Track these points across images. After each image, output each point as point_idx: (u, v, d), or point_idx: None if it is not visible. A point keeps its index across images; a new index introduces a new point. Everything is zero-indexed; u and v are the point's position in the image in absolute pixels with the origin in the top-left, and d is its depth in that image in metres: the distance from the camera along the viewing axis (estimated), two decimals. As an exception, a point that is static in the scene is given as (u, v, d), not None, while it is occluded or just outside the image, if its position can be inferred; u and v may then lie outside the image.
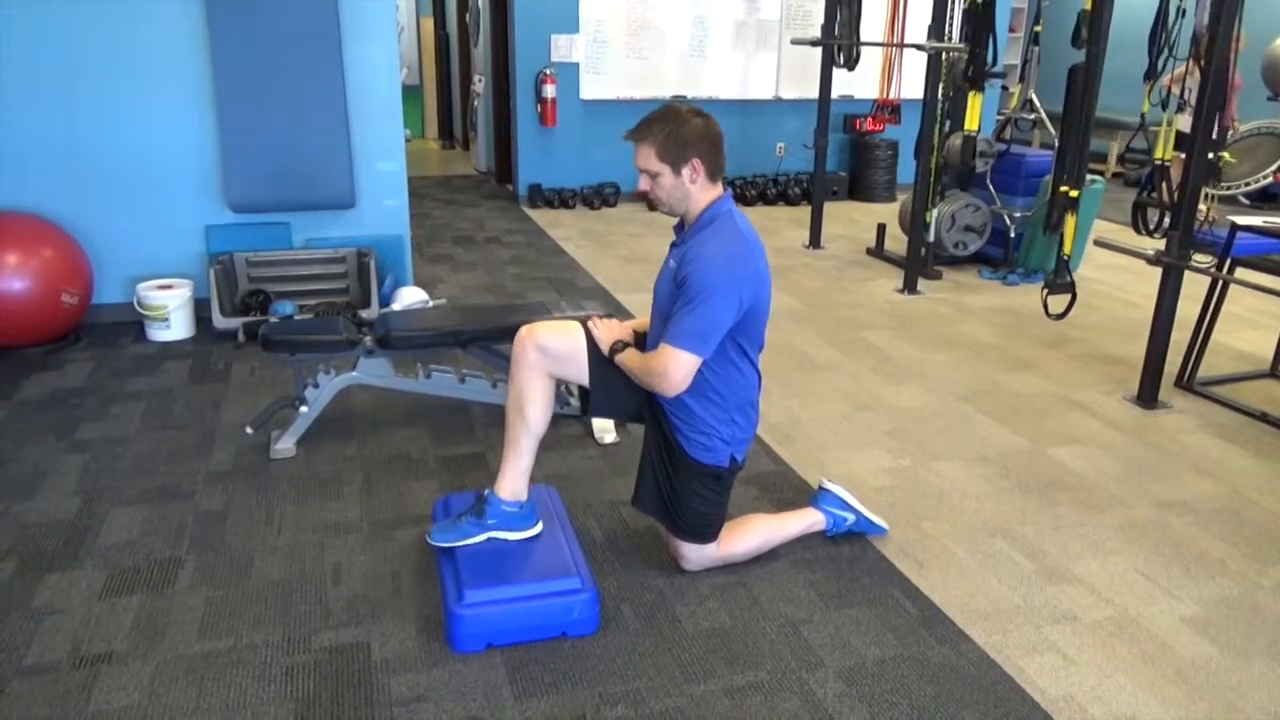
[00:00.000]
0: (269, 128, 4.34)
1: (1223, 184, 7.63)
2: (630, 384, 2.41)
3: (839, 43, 5.78)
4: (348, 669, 2.14)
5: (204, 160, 4.45)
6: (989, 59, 4.94)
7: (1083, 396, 3.85)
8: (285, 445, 3.19)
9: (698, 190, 2.30)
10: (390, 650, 2.21)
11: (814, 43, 5.97)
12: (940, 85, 5.05)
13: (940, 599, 2.44)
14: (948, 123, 5.48)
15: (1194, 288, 3.97)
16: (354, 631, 2.27)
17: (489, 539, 2.38)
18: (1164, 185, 3.76)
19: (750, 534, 2.57)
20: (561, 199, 7.64)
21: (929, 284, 5.48)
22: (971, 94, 4.99)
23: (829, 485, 2.73)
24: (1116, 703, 2.08)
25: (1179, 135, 6.78)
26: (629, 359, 2.36)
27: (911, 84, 7.26)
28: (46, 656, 2.16)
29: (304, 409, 3.18)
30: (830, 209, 7.70)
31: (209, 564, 2.55)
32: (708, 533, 2.47)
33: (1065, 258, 4.37)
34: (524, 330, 2.40)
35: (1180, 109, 5.65)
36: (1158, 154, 3.83)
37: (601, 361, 2.39)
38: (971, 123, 5.07)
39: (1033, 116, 5.43)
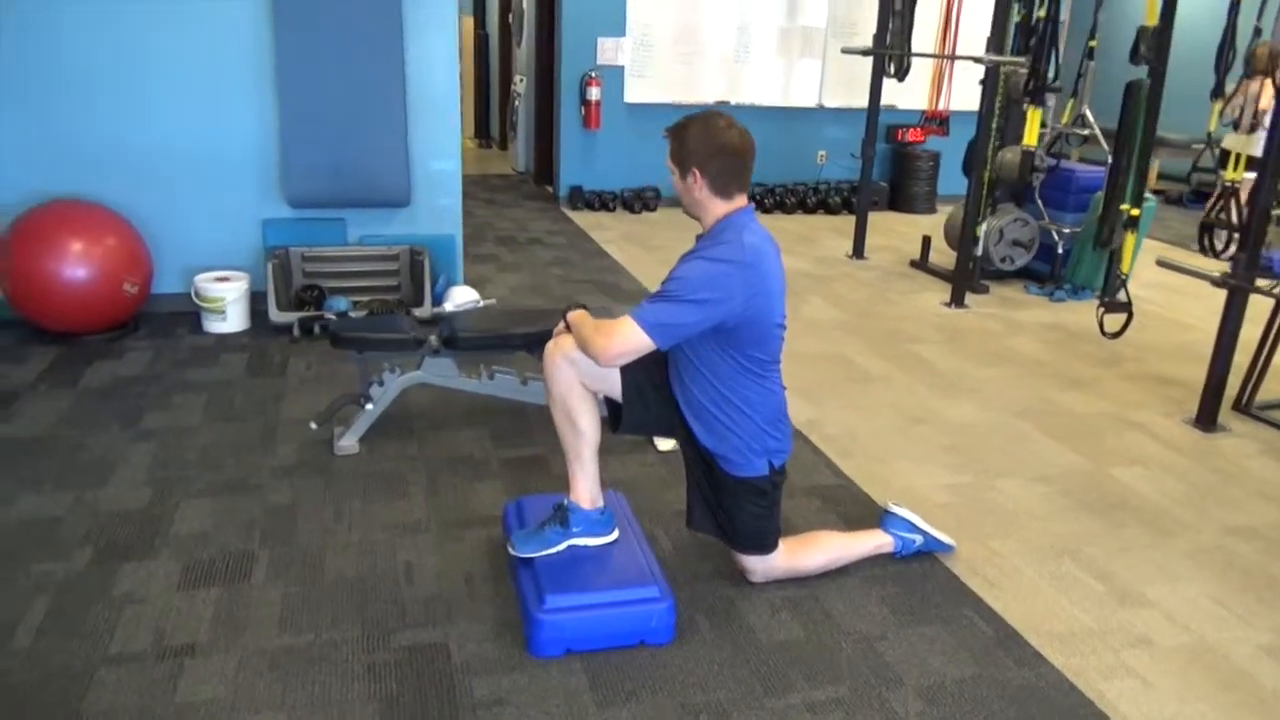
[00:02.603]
0: (329, 123, 4.37)
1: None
2: (661, 399, 2.42)
3: (891, 53, 5.77)
4: (429, 669, 2.15)
5: (264, 154, 4.48)
6: (1050, 73, 4.92)
7: (1140, 417, 3.82)
8: (349, 442, 3.22)
9: (705, 199, 2.28)
10: (469, 652, 2.22)
11: (865, 52, 5.97)
12: (996, 98, 5.03)
13: (1014, 619, 2.43)
14: (999, 136, 5.47)
15: (1250, 310, 3.94)
16: (432, 632, 2.28)
17: (568, 546, 2.39)
18: (1234, 206, 3.72)
19: (819, 550, 2.57)
20: (602, 201, 7.65)
21: (976, 298, 5.45)
22: (1030, 108, 4.97)
23: (895, 508, 2.72)
24: (1200, 731, 2.07)
25: (1225, 155, 6.73)
26: (578, 318, 2.33)
27: (960, 96, 7.24)
28: (131, 646, 2.19)
29: (369, 406, 3.20)
30: (871, 219, 7.67)
31: (282, 559, 2.57)
32: (766, 544, 2.46)
33: (1123, 276, 4.35)
34: (551, 345, 2.39)
35: (1252, 129, 5.63)
36: (1228, 175, 3.78)
37: (633, 375, 2.38)
38: (1031, 138, 5.05)
39: (1085, 132, 5.39)
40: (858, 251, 6.39)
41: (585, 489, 2.42)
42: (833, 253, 6.54)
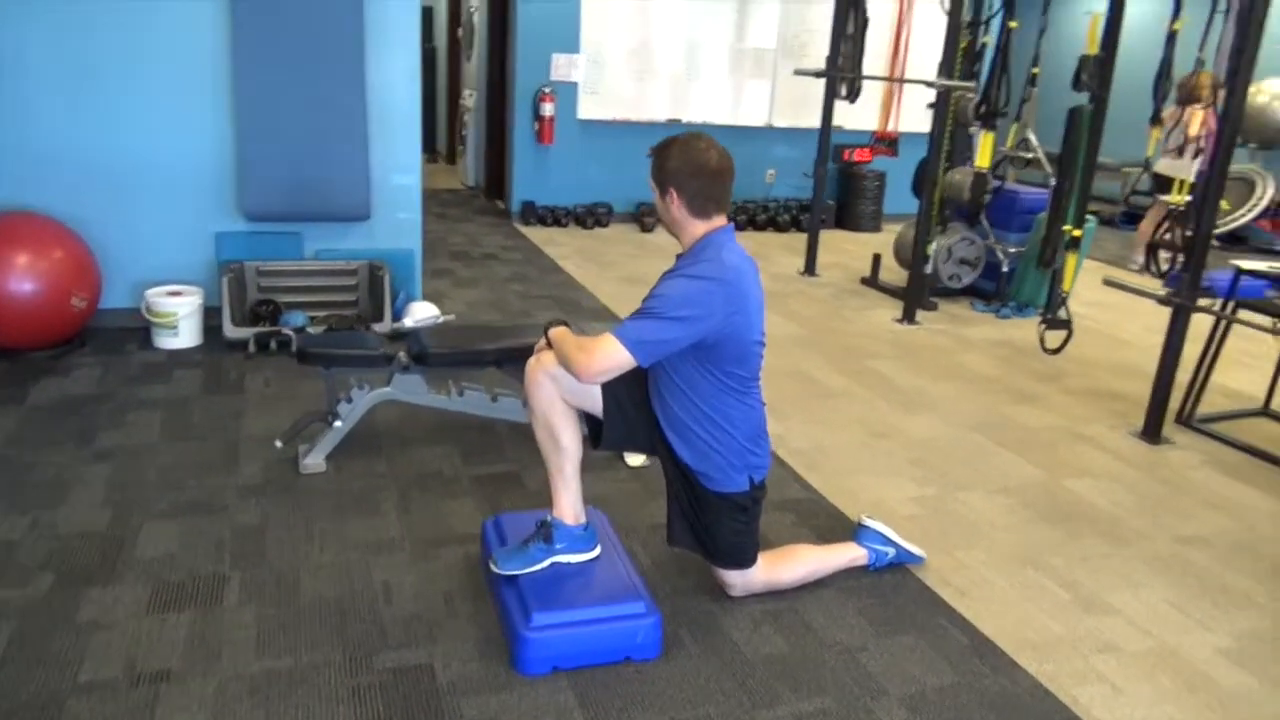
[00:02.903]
0: (287, 135, 4.31)
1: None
2: (642, 416, 2.44)
3: (843, 75, 5.90)
4: (414, 691, 2.13)
5: (218, 166, 4.39)
6: (1002, 98, 5.08)
7: (1088, 430, 3.96)
8: (315, 460, 3.16)
9: (683, 219, 2.31)
10: (454, 672, 2.19)
11: (818, 74, 6.09)
12: (946, 122, 5.18)
13: (987, 628, 2.50)
14: (948, 158, 5.63)
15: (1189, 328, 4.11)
16: (415, 653, 2.25)
17: (552, 563, 2.38)
18: (1178, 228, 3.88)
19: (797, 563, 2.61)
20: (554, 217, 7.65)
21: (926, 315, 5.59)
22: (983, 132, 5.13)
23: (869, 521, 2.77)
24: (1170, 733, 2.15)
25: (1159, 179, 7.01)
26: (560, 334, 2.33)
27: (908, 118, 7.43)
28: (101, 674, 2.11)
29: (337, 424, 3.15)
30: (820, 237, 7.83)
31: (255, 580, 2.51)
32: (746, 559, 2.49)
33: (1064, 294, 4.51)
34: (532, 361, 2.40)
35: (1180, 154, 5.88)
36: (1173, 199, 3.95)
37: (613, 392, 2.40)
38: (983, 160, 5.21)
39: (1029, 155, 5.58)
40: (809, 269, 6.50)
41: (569, 505, 2.42)
42: (785, 270, 6.64)
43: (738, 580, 2.51)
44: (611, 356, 2.17)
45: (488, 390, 3.39)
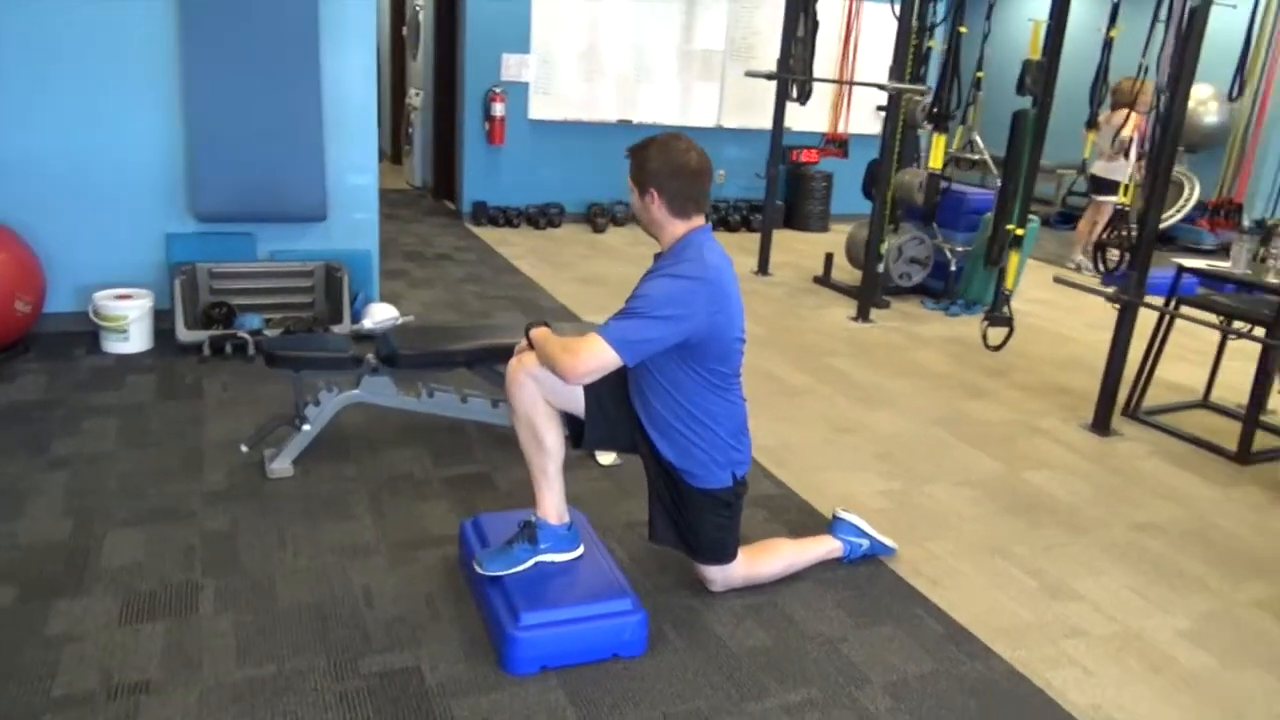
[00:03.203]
0: (241, 135, 4.22)
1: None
2: (623, 415, 2.46)
3: (795, 78, 5.98)
4: (404, 694, 2.11)
5: (168, 166, 4.28)
6: (953, 101, 5.21)
7: (1042, 423, 4.08)
8: (283, 465, 3.10)
9: (663, 219, 2.33)
10: (442, 674, 2.18)
11: (770, 76, 6.17)
12: (898, 124, 5.29)
13: (960, 616, 2.56)
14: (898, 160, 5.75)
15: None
16: (400, 656, 2.23)
17: (536, 563, 2.38)
18: (1124, 228, 4.03)
19: (776, 557, 2.65)
20: (506, 218, 7.61)
21: (879, 313, 5.70)
22: (935, 135, 5.25)
23: (843, 514, 2.83)
24: (1138, 711, 2.23)
25: (1095, 180, 7.25)
26: (542, 334, 2.32)
27: (857, 120, 7.55)
28: (77, 687, 2.05)
29: (306, 427, 3.10)
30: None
31: (229, 588, 2.46)
32: (727, 554, 2.52)
33: (1007, 292, 4.64)
34: (514, 361, 2.40)
35: (1113, 158, 6.09)
36: (1120, 199, 4.09)
37: (595, 391, 2.40)
38: (936, 161, 5.33)
39: (975, 157, 5.73)
40: (763, 268, 6.58)
41: (552, 504, 2.42)
42: (739, 270, 6.62)
43: (718, 576, 2.54)
44: (598, 356, 2.17)
45: (457, 391, 3.37)
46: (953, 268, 5.99)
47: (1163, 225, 8.78)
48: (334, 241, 4.65)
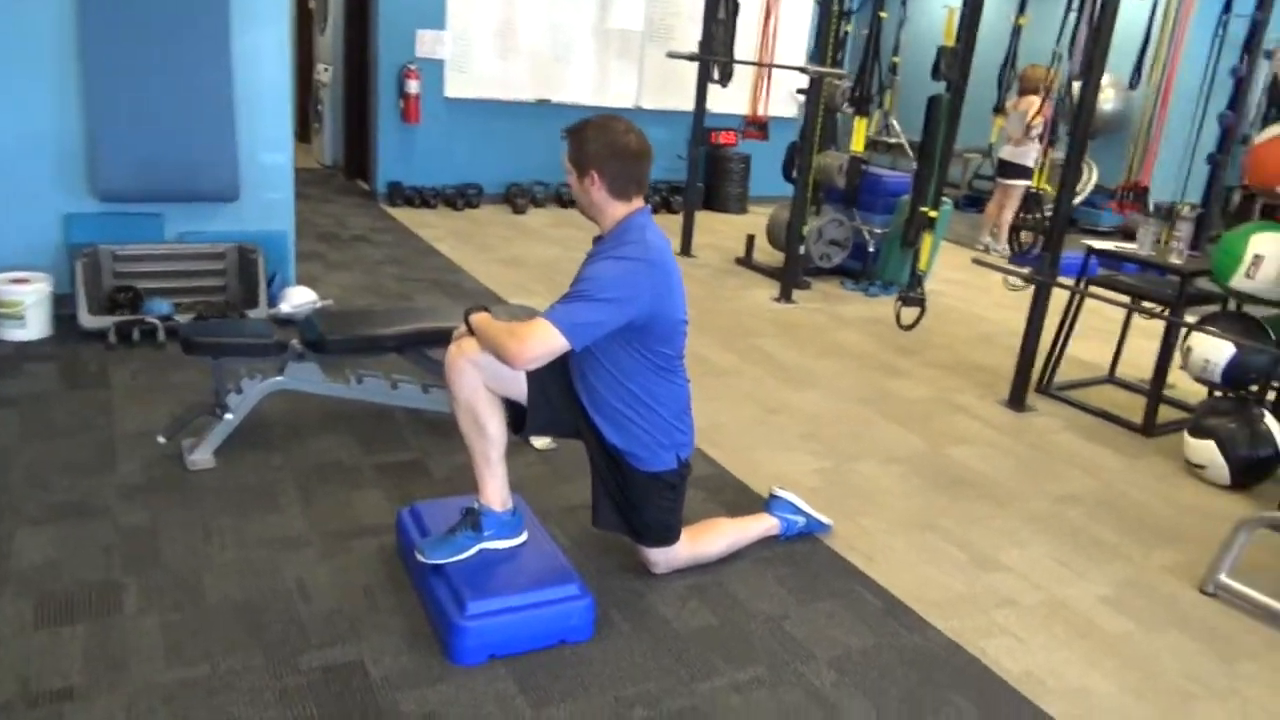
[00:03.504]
0: (146, 111, 4.00)
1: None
2: (566, 400, 2.43)
3: (717, 59, 5.99)
4: (347, 689, 2.05)
5: (65, 143, 4.03)
6: (874, 86, 5.30)
7: (960, 400, 4.21)
8: (203, 456, 2.97)
9: (603, 201, 2.30)
10: (386, 667, 2.13)
11: (692, 57, 6.16)
12: (819, 107, 5.36)
13: (896, 590, 2.63)
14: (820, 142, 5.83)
15: (1026, 301, 4.40)
16: (341, 650, 2.17)
17: (479, 550, 2.34)
18: (1038, 211, 4.16)
19: (718, 536, 2.67)
20: (423, 198, 7.44)
21: (801, 294, 5.78)
22: (857, 118, 5.33)
23: (780, 492, 2.87)
24: (1068, 676, 2.33)
25: (1003, 164, 7.48)
26: (483, 320, 2.27)
27: (775, 103, 7.60)
28: (-9, 696, 1.93)
29: (228, 416, 2.97)
30: (690, 218, 7.94)
31: (153, 585, 2.34)
32: (671, 536, 2.53)
33: (920, 273, 4.76)
34: (454, 348, 2.34)
35: (1019, 143, 6.30)
36: (1037, 183, 4.23)
37: (537, 377, 2.36)
38: (858, 144, 5.42)
39: (893, 140, 5.85)
40: (685, 249, 6.59)
41: (495, 491, 2.38)
42: (661, 251, 6.69)
43: (662, 558, 2.54)
44: (545, 341, 2.14)
45: (386, 377, 3.28)
46: (871, 249, 6.12)
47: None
48: (247, 222, 4.46)
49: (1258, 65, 4.54)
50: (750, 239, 6.48)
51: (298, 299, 4.38)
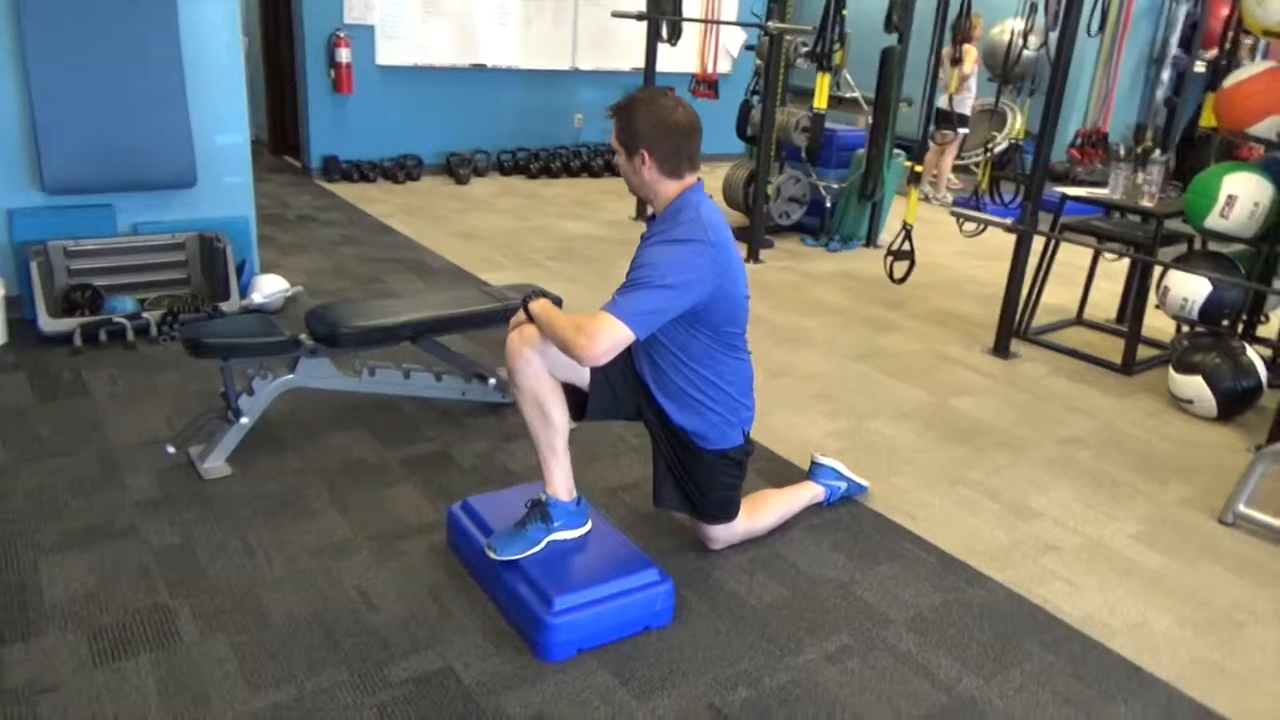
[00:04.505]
0: (93, 97, 3.72)
1: (961, 155, 8.73)
2: (627, 383, 2.40)
3: (667, 17, 5.89)
4: (445, 698, 1.99)
5: (5, 134, 3.71)
6: (835, 41, 5.28)
7: (949, 351, 4.30)
8: (218, 464, 2.82)
9: (655, 181, 2.25)
10: (477, 672, 2.07)
11: (640, 16, 6.04)
12: (768, 64, 5.33)
13: (945, 545, 2.68)
14: (754, 97, 5.83)
15: (983, 248, 4.51)
16: (426, 658, 2.10)
17: (549, 542, 2.29)
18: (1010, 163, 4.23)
19: (770, 509, 2.67)
20: (361, 172, 7.15)
21: (767, 253, 5.79)
22: (820, 74, 5.32)
23: (821, 459, 2.88)
24: (1125, 614, 2.42)
25: (941, 114, 7.59)
26: (546, 310, 2.21)
27: (725, 62, 7.52)
28: (71, 744, 1.81)
29: (243, 420, 2.82)
30: (633, 180, 7.85)
31: (208, 608, 2.22)
32: (732, 512, 2.52)
33: (908, 226, 4.82)
34: (515, 335, 2.28)
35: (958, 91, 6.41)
36: (1016, 134, 4.29)
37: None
38: (820, 101, 5.41)
39: (848, 95, 5.87)
40: (642, 213, 6.52)
41: (562, 480, 2.32)
42: (618, 216, 6.63)
43: (722, 534, 2.53)
44: (612, 335, 2.08)
45: (397, 367, 3.16)
46: (828, 204, 6.16)
47: (987, 156, 9.37)
48: (204, 209, 4.21)
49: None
50: (707, 199, 6.44)
51: (269, 288, 4.17)
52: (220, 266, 4.03)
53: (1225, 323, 3.95)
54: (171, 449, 2.81)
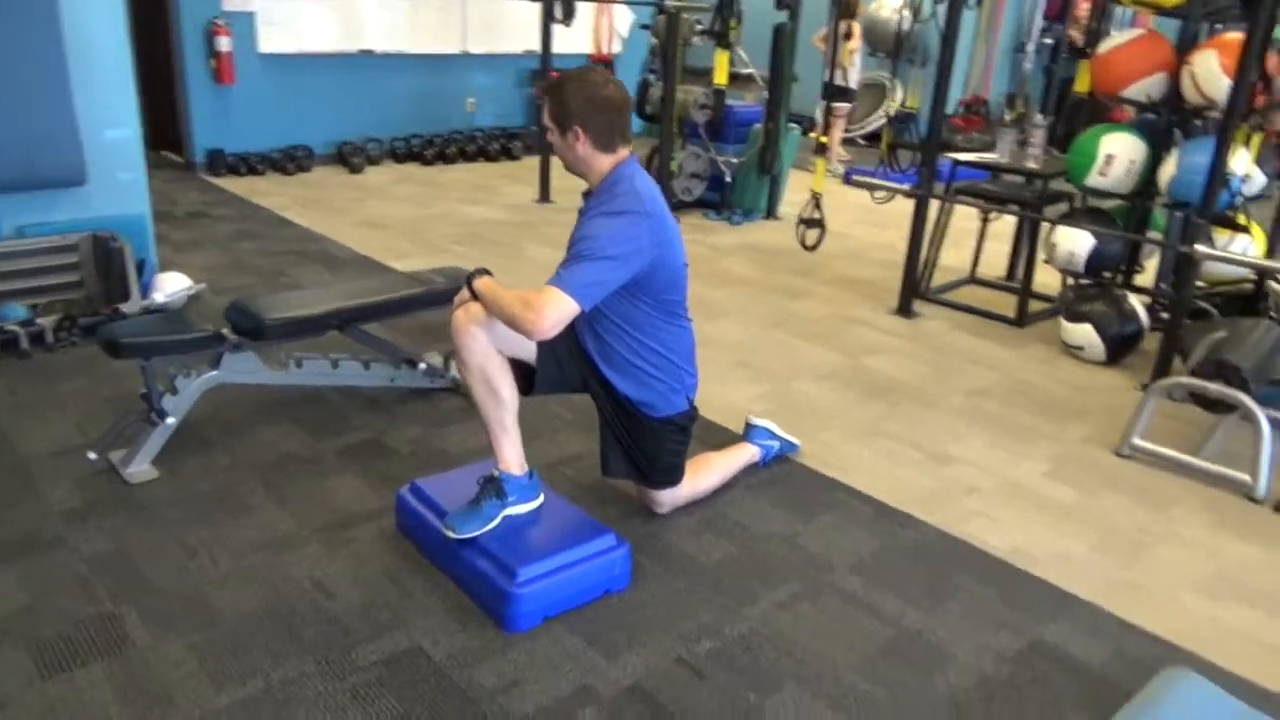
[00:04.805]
0: (-35, 89, 3.49)
1: (848, 128, 9.02)
2: (573, 357, 2.44)
3: (560, -2, 5.89)
4: (417, 675, 2.00)
5: None
6: (734, 19, 5.38)
7: (857, 314, 4.49)
8: (143, 467, 2.73)
9: (589, 156, 2.30)
10: (446, 648, 2.08)
11: (533, -2, 6.02)
12: (666, 42, 5.40)
13: (876, 494, 2.82)
14: (652, 75, 5.90)
15: (878, 215, 4.72)
16: (393, 639, 2.10)
17: (504, 517, 2.31)
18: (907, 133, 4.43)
19: (711, 471, 2.75)
20: (249, 165, 6.90)
21: (672, 229, 5.87)
22: (719, 51, 5.41)
23: (755, 420, 2.98)
24: (1047, 545, 2.61)
25: (827, 87, 7.83)
26: (491, 288, 2.23)
27: (619, 42, 7.54)
28: (32, 758, 1.75)
29: (169, 420, 2.73)
30: (531, 163, 7.83)
31: (156, 611, 2.16)
32: (677, 477, 2.60)
33: (817, 195, 4.99)
34: (461, 313, 2.30)
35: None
36: (909, 104, 4.47)
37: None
38: (720, 78, 5.51)
39: (743, 71, 6.00)
40: (545, 196, 6.52)
41: (513, 455, 2.35)
42: (520, 200, 6.60)
43: (667, 499, 2.61)
44: (560, 308, 2.11)
45: (325, 357, 3.10)
46: (728, 179, 6.29)
47: (871, 128, 9.70)
48: (95, 208, 4.01)
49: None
50: (610, 179, 6.48)
51: (171, 287, 4.02)
52: (117, 267, 3.85)
53: (1107, 274, 4.25)
54: (93, 455, 2.70)
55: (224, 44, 6.60)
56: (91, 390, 3.26)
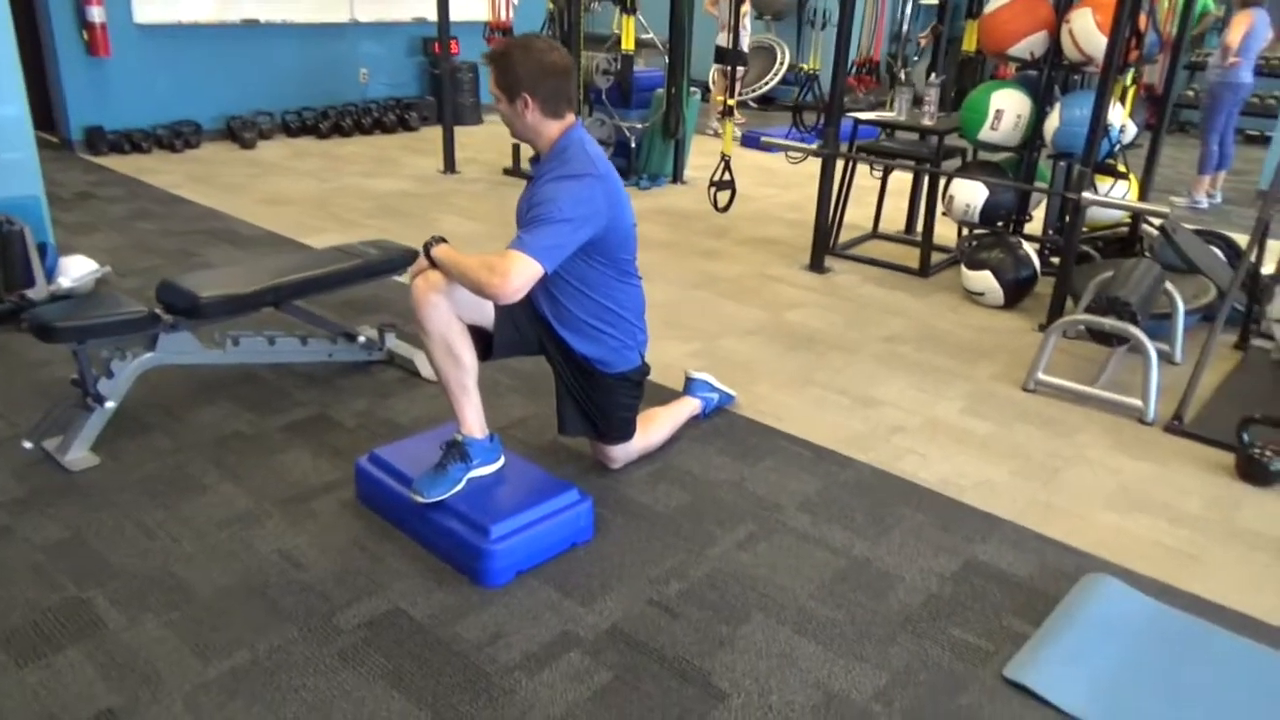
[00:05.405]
0: None
1: (740, 91, 9.20)
2: (529, 320, 2.51)
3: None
4: (402, 634, 2.05)
5: None
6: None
7: (773, 272, 4.66)
8: (81, 454, 2.66)
9: (537, 122, 2.35)
10: (426, 607, 2.14)
11: (429, -36, 5.91)
12: (569, 7, 5.42)
13: (813, 438, 3.00)
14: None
15: (778, 177, 4.91)
16: (372, 603, 2.15)
17: (468, 479, 2.37)
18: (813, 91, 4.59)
19: (659, 425, 2.86)
20: (133, 143, 6.59)
21: (583, 195, 5.92)
22: (625, 17, 5.45)
23: (695, 374, 3.10)
24: (970, 474, 2.83)
25: (719, 50, 7.96)
26: (451, 255, 2.27)
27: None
28: (23, 744, 1.73)
29: (108, 404, 2.66)
30: (426, 135, 7.74)
31: (125, 592, 2.14)
32: (630, 432, 2.70)
33: (727, 157, 5.12)
34: (420, 281, 2.33)
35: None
36: (810, 66, 4.63)
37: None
38: (628, 43, 5.55)
39: (644, 36, 6.06)
40: (450, 167, 6.46)
41: (475, 419, 2.40)
42: (424, 171, 6.52)
43: (620, 453, 2.71)
44: (524, 272, 2.17)
45: (261, 334, 3.06)
46: (633, 145, 6.37)
47: (763, 90, 9.90)
48: (-15, 191, 3.81)
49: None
50: (516, 148, 6.47)
51: (77, 270, 3.86)
52: (18, 252, 3.67)
53: (1000, 223, 4.53)
54: (28, 444, 2.62)
55: (96, 14, 6.25)
56: (8, 379, 3.14)
